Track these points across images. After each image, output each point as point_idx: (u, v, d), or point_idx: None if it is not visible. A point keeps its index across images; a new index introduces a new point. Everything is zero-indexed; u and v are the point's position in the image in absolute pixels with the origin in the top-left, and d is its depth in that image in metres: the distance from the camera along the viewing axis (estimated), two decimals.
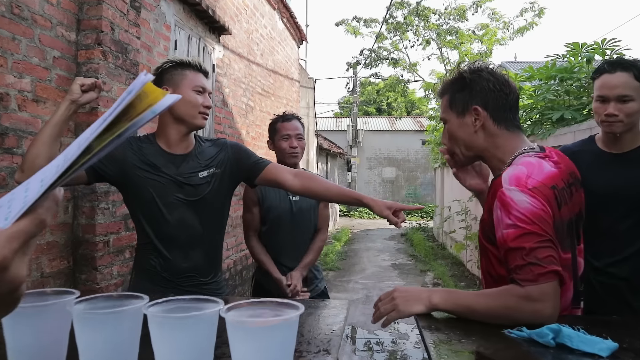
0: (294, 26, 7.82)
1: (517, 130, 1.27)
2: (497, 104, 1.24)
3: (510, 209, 1.10)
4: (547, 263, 1.04)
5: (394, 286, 1.26)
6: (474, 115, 1.25)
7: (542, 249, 1.06)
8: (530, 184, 1.11)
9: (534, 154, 1.20)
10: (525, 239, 1.07)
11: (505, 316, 1.07)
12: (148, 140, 1.73)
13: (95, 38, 2.40)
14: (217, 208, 1.79)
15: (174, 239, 1.69)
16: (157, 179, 1.67)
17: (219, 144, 1.82)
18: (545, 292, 1.04)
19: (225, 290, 1.86)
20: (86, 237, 2.42)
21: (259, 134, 5.96)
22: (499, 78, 1.26)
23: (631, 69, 1.67)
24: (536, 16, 13.36)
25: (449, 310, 1.15)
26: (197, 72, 1.71)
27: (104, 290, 2.48)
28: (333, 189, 1.74)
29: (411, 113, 28.87)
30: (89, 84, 1.53)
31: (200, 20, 4.08)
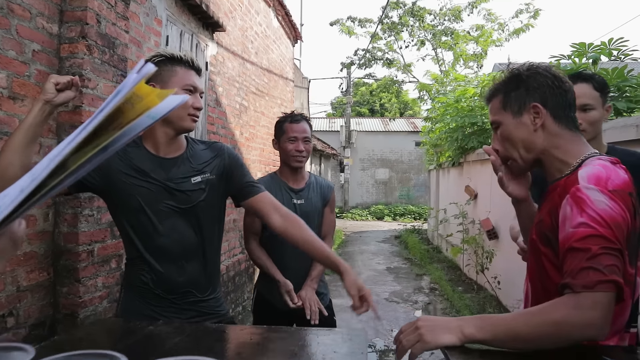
0: (289, 24, 7.65)
1: (577, 131, 1.18)
2: (556, 101, 1.16)
3: (584, 207, 1.01)
4: (609, 272, 0.94)
5: (418, 316, 1.10)
6: (533, 114, 1.17)
7: (608, 255, 0.96)
8: (610, 186, 1.03)
9: (606, 158, 1.12)
10: (594, 241, 0.97)
11: (554, 335, 0.95)
12: (134, 144, 1.57)
13: (79, 31, 2.21)
14: (213, 216, 1.63)
15: (167, 251, 1.53)
16: (145, 185, 1.51)
17: (215, 149, 1.65)
18: (599, 302, 0.93)
19: (225, 307, 1.70)
20: (68, 246, 2.24)
21: (252, 134, 5.78)
22: (556, 75, 1.16)
23: (590, 80, 1.81)
24: (531, 17, 13.31)
25: (487, 339, 1.01)
26: (188, 69, 1.54)
27: (88, 304, 2.30)
28: (313, 244, 1.58)
29: (404, 114, 28.81)
30: (64, 82, 1.35)
31: (193, 16, 3.90)
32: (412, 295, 6.43)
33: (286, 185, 2.27)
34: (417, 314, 5.55)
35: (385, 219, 19.06)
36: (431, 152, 10.55)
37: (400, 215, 19.46)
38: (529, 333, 0.97)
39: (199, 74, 1.59)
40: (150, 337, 1.08)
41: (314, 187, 2.32)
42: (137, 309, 1.55)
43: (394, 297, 6.28)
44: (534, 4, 14.24)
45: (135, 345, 1.03)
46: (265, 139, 6.34)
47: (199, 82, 1.57)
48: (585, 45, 4.17)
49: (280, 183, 2.28)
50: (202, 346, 1.01)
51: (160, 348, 1.02)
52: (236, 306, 5.10)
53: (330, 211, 2.38)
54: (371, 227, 15.89)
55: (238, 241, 5.13)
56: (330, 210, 2.39)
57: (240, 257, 5.20)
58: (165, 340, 1.06)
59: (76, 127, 2.20)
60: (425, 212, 16.91)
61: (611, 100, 3.62)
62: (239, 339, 1.09)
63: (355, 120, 23.49)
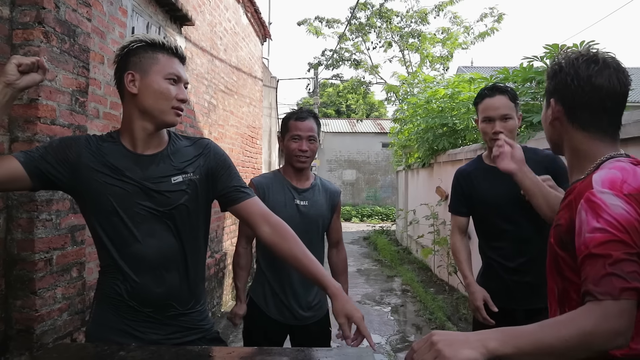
0: (258, 22, 7.48)
1: (598, 133, 1.13)
2: (573, 101, 1.14)
3: (600, 212, 0.98)
4: (632, 279, 0.92)
5: (431, 331, 1.00)
6: (551, 108, 1.20)
7: (629, 262, 0.93)
8: (626, 190, 1.01)
9: (626, 160, 1.10)
10: (613, 246, 0.94)
11: (584, 345, 0.92)
12: (111, 139, 1.42)
13: (35, 16, 2.00)
14: (196, 220, 1.47)
15: (143, 258, 1.37)
16: (118, 184, 1.35)
17: (199, 146, 1.49)
18: (625, 310, 0.91)
19: (210, 321, 1.53)
20: (22, 254, 2.01)
21: (221, 134, 5.58)
22: (581, 73, 1.11)
23: (506, 92, 2.04)
24: (496, 21, 13.56)
25: (511, 354, 0.93)
26: (172, 56, 1.39)
27: (46, 318, 2.08)
28: (302, 260, 1.42)
29: (371, 115, 28.97)
30: (28, 63, 1.22)
31: (160, 8, 3.69)
32: (385, 297, 6.37)
33: (290, 184, 2.14)
34: (392, 317, 5.48)
35: (353, 220, 19.07)
36: (400, 153, 10.56)
37: (367, 216, 19.52)
38: (557, 345, 0.92)
39: (183, 62, 1.44)
40: None
41: (319, 190, 2.20)
42: (111, 324, 1.39)
43: (366, 300, 6.20)
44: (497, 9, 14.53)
45: None
46: (234, 139, 6.14)
47: (183, 71, 1.41)
48: (558, 47, 4.20)
49: (284, 181, 2.15)
50: None
51: None
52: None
53: (337, 217, 2.31)
54: None
55: None
56: (337, 217, 2.31)
57: (209, 262, 5.00)
58: None
59: (31, 122, 2.00)
60: (393, 213, 16.99)
61: None
62: None
63: (322, 121, 23.39)
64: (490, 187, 2.10)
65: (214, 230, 5.16)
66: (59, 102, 2.10)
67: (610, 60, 1.12)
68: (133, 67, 1.37)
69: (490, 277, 2.17)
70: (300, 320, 2.10)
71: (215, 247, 5.27)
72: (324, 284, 1.38)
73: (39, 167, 1.33)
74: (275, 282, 2.10)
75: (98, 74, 2.77)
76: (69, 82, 2.17)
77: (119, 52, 1.42)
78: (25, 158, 1.32)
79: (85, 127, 2.30)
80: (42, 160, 1.33)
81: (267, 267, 2.13)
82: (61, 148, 1.37)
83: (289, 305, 2.09)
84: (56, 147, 1.37)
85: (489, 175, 2.11)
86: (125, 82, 1.37)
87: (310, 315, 2.12)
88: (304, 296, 2.12)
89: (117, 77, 1.42)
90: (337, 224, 2.32)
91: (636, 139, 2.78)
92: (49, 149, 1.37)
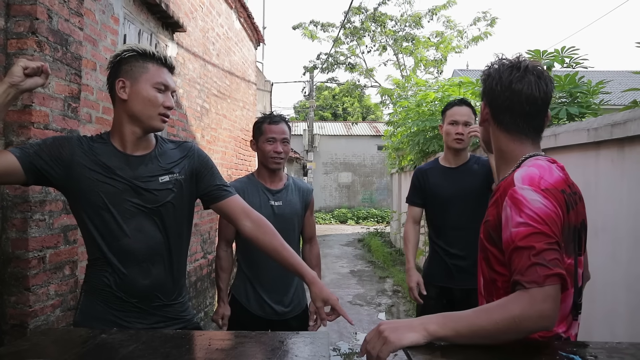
0: (251, 27, 7.59)
1: (519, 136, 1.23)
2: (496, 104, 1.23)
3: (522, 207, 1.07)
4: (553, 265, 1.01)
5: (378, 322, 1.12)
6: (482, 108, 1.29)
7: (550, 250, 1.03)
8: (543, 185, 1.10)
9: (543, 158, 1.19)
10: (536, 238, 1.03)
11: (513, 328, 1.00)
12: (101, 140, 1.51)
13: (28, 26, 2.10)
14: (181, 217, 1.58)
15: (132, 252, 1.47)
16: (109, 182, 1.45)
17: (184, 148, 1.61)
18: (549, 295, 1.00)
19: (191, 311, 1.64)
20: (17, 253, 2.11)
21: (214, 137, 5.68)
22: (504, 79, 1.20)
23: (469, 105, 2.57)
24: (489, 25, 13.72)
25: (450, 336, 1.03)
26: (160, 66, 1.50)
27: (39, 313, 2.18)
28: (282, 252, 1.56)
29: (366, 118, 29.09)
30: (34, 67, 1.31)
31: (152, 15, 3.79)
32: (376, 298, 6.47)
33: (263, 187, 2.25)
34: (381, 317, 5.58)
35: (349, 222, 19.16)
36: (393, 156, 10.67)
37: (363, 218, 19.60)
38: (490, 329, 1.01)
39: (172, 72, 1.54)
40: (102, 346, 1.03)
41: (292, 189, 2.31)
42: (98, 315, 1.48)
43: (357, 300, 6.30)
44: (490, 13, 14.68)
45: (86, 355, 0.98)
46: (227, 142, 6.24)
47: (171, 80, 1.52)
48: (540, 53, 4.31)
49: (258, 184, 2.26)
50: (158, 354, 0.96)
51: (113, 357, 0.97)
52: (198, 312, 4.99)
53: (310, 214, 2.40)
54: (334, 230, 15.93)
55: (200, 246, 5.02)
56: (311, 214, 2.41)
57: (202, 262, 5.09)
58: (119, 349, 1.00)
59: (25, 127, 2.10)
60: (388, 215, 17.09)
61: (564, 105, 3.75)
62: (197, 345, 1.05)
63: (318, 125, 23.53)
64: (441, 183, 2.55)
65: (207, 231, 5.26)
66: (51, 108, 2.20)
67: (532, 68, 1.20)
68: (124, 74, 1.47)
69: (435, 261, 2.60)
70: (280, 315, 2.20)
71: (208, 248, 5.36)
72: (302, 273, 1.52)
73: (34, 163, 1.40)
74: (255, 280, 2.21)
75: (90, 80, 2.87)
76: (62, 89, 2.27)
77: (111, 60, 1.52)
78: (21, 154, 1.39)
79: (78, 131, 2.40)
80: (37, 157, 1.41)
81: (247, 267, 2.23)
82: (55, 146, 1.45)
83: (269, 301, 2.19)
84: (50, 144, 1.46)
85: (442, 174, 2.58)
86: (116, 89, 1.48)
87: (289, 310, 2.22)
88: (283, 293, 2.22)
89: (109, 83, 1.52)
90: (311, 220, 2.41)
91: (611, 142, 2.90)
92: (43, 146, 1.45)
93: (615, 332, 2.52)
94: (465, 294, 2.42)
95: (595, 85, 3.91)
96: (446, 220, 2.54)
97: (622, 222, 2.48)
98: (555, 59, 4.18)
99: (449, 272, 2.51)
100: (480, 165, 2.55)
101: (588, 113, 3.78)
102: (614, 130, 2.56)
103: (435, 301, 2.55)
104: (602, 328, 2.59)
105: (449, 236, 2.53)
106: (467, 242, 2.45)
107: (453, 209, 2.50)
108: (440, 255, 2.56)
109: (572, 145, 2.97)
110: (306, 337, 1.07)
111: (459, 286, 2.49)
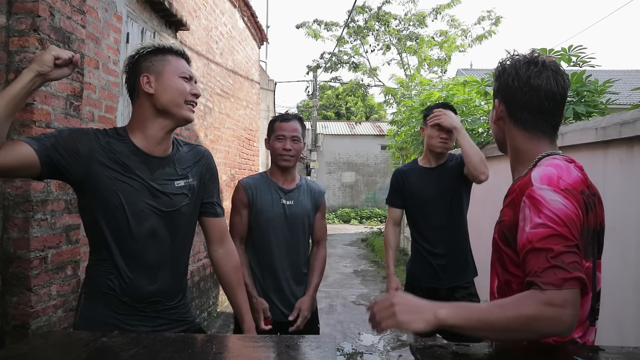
0: (254, 26, 7.57)
1: (537, 133, 1.19)
2: (513, 101, 1.19)
3: (541, 208, 1.04)
4: (573, 269, 0.98)
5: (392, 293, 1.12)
6: (495, 108, 1.25)
7: (569, 253, 0.99)
8: (562, 185, 1.07)
9: (561, 157, 1.15)
10: (554, 240, 1.00)
11: (525, 328, 0.98)
12: (118, 136, 1.46)
13: (30, 23, 2.08)
14: (191, 222, 1.57)
15: (141, 256, 1.43)
16: (128, 182, 1.41)
17: (197, 152, 1.59)
18: (568, 299, 0.96)
19: (192, 313, 1.62)
20: (18, 253, 2.09)
21: (217, 136, 5.66)
22: (521, 74, 1.17)
23: (452, 109, 2.55)
24: (493, 24, 13.64)
25: (460, 326, 1.01)
26: (179, 57, 1.49)
27: (41, 314, 2.16)
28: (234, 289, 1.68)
29: (370, 118, 29.05)
30: (65, 57, 1.27)
31: (155, 13, 3.78)
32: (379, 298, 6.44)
33: (276, 185, 2.24)
34: None
35: (352, 222, 19.13)
36: (397, 156, 10.64)
37: (366, 218, 19.57)
38: (501, 325, 0.99)
39: (189, 63, 1.54)
40: (102, 349, 1.00)
41: (304, 190, 2.29)
42: (99, 318, 1.44)
43: (361, 300, 6.28)
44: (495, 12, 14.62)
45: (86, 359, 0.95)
46: (230, 141, 6.23)
47: (191, 70, 1.52)
48: (546, 51, 4.27)
49: (270, 182, 2.25)
50: (160, 358, 0.94)
51: None
52: (201, 312, 4.97)
53: (321, 217, 2.38)
54: (338, 230, 15.90)
55: (203, 245, 5.00)
56: (322, 216, 2.38)
57: (205, 262, 5.07)
58: (119, 353, 0.98)
59: (27, 126, 2.08)
60: None
61: (571, 104, 3.71)
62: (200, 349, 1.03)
63: (321, 124, 23.51)
64: (419, 183, 2.56)
65: None
66: (53, 106, 2.18)
67: (550, 63, 1.18)
68: (146, 70, 1.45)
69: (418, 261, 2.59)
70: (288, 317, 2.18)
71: None
72: (242, 316, 1.66)
73: (51, 157, 1.33)
74: (264, 282, 2.18)
75: (93, 78, 2.85)
76: (64, 87, 2.25)
77: (129, 61, 1.50)
78: (38, 146, 1.32)
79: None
80: (54, 150, 1.34)
81: (257, 267, 2.21)
82: (72, 140, 1.38)
83: (278, 303, 2.17)
84: (67, 137, 1.38)
85: (420, 174, 2.59)
86: (141, 84, 1.45)
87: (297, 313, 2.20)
88: (292, 294, 2.20)
89: (130, 82, 1.50)
90: (321, 223, 2.39)
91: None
92: (60, 139, 1.37)
93: (624, 333, 2.49)
94: (451, 291, 2.50)
95: (602, 84, 3.87)
96: (428, 221, 2.55)
97: (630, 222, 2.45)
98: (562, 58, 4.14)
99: (434, 272, 2.51)
100: (455, 160, 2.56)
101: (595, 112, 3.74)
102: (623, 130, 2.52)
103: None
104: (610, 329, 2.56)
105: (431, 236, 2.53)
106: (449, 241, 2.51)
107: (434, 208, 2.52)
108: (423, 256, 2.55)
109: (580, 145, 2.93)
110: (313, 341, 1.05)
111: (445, 285, 2.50)
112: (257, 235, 2.21)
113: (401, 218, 2.73)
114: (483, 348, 1.08)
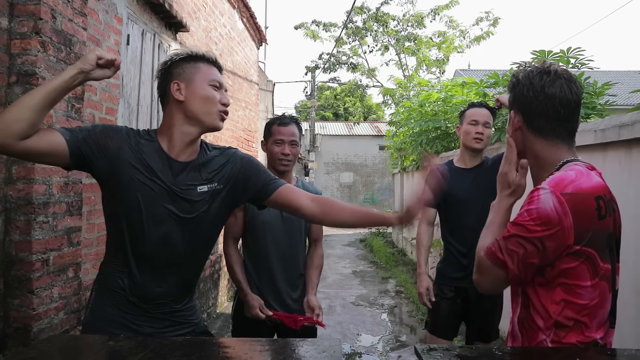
0: (253, 27, 7.57)
1: (555, 140, 1.23)
2: (529, 110, 1.23)
3: (532, 202, 1.13)
4: (506, 253, 1.14)
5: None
6: (512, 119, 1.29)
7: (515, 242, 1.12)
8: (569, 189, 1.10)
9: (582, 164, 1.20)
10: (515, 228, 1.13)
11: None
12: (149, 137, 1.48)
13: (32, 26, 2.09)
14: (209, 230, 1.55)
15: (152, 259, 1.44)
16: (149, 184, 1.42)
17: (227, 155, 1.57)
18: (484, 266, 1.20)
19: (198, 315, 1.62)
20: (20, 255, 2.10)
21: (216, 137, 5.66)
22: (535, 84, 1.21)
23: (487, 107, 2.61)
24: (491, 25, 13.70)
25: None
26: (211, 65, 1.49)
27: (42, 316, 2.16)
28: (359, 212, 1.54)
29: (368, 118, 29.08)
30: (108, 59, 1.31)
31: (155, 15, 3.78)
32: (378, 299, 6.45)
33: None
34: (384, 317, 5.56)
35: None
36: (395, 156, 10.66)
37: None
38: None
39: (221, 71, 1.54)
40: (109, 354, 1.01)
41: None
42: (108, 316, 1.45)
43: (360, 301, 6.28)
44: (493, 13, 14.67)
45: None
46: (229, 142, 6.23)
47: (222, 78, 1.52)
48: (545, 53, 4.29)
49: None
50: None
51: None
52: (201, 313, 4.97)
53: None
54: (336, 230, 15.91)
55: None
56: None
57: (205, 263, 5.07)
58: (127, 357, 0.98)
59: None
60: None
61: None
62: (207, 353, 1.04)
63: (319, 124, 23.53)
64: (456, 185, 2.54)
65: None
66: (55, 109, 2.18)
67: (562, 72, 1.22)
68: (177, 77, 1.45)
69: (450, 261, 2.62)
70: None
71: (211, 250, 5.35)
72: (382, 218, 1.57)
73: (81, 149, 1.36)
74: (260, 282, 2.19)
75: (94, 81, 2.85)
76: None
77: (161, 67, 1.51)
78: (70, 137, 1.35)
79: None
80: (85, 143, 1.37)
81: (252, 268, 2.21)
82: (103, 136, 1.41)
83: (274, 304, 2.17)
84: (99, 132, 1.41)
85: (456, 175, 2.58)
86: (172, 91, 1.46)
87: (295, 310, 2.20)
88: (289, 296, 2.21)
89: (162, 88, 1.51)
90: None
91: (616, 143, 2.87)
92: (92, 133, 1.40)
93: (622, 334, 2.50)
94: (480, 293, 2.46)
95: (601, 86, 3.89)
96: (462, 221, 2.55)
97: (629, 224, 2.46)
98: (561, 60, 4.16)
99: (465, 272, 2.51)
100: (492, 161, 2.59)
101: (594, 114, 3.76)
102: (622, 132, 2.54)
103: (450, 301, 2.57)
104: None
105: (464, 236, 2.53)
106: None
107: (468, 209, 2.52)
108: (454, 256, 2.58)
109: (579, 147, 2.93)
110: (318, 344, 1.05)
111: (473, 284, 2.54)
112: (254, 237, 2.21)
113: (435, 218, 2.74)
114: (487, 351, 1.09)
